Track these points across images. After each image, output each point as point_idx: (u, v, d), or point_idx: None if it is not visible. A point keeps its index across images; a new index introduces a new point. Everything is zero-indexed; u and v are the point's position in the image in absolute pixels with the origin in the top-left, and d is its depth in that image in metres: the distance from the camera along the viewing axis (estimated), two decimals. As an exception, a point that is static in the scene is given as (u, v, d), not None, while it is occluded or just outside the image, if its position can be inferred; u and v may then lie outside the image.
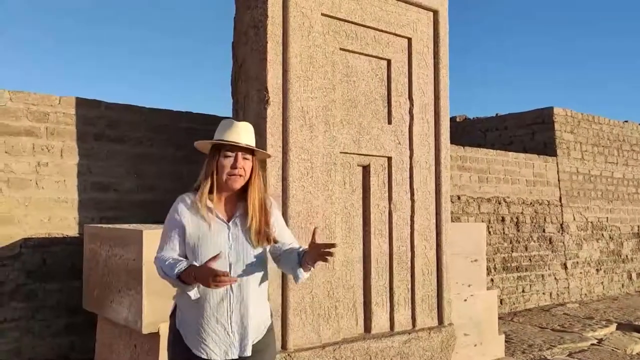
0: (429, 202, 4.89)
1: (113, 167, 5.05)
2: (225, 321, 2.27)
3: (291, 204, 4.02)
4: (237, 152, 2.30)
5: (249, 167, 2.33)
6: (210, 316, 2.26)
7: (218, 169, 2.30)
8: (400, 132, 4.74)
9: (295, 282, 2.44)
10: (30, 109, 4.69)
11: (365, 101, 4.57)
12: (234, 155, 2.29)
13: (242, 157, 2.31)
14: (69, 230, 4.79)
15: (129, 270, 3.75)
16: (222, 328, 2.27)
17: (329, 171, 4.28)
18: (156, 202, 5.15)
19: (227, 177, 2.29)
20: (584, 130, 10.21)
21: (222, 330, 2.27)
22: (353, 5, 4.45)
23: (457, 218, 7.75)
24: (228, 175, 2.29)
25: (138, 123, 5.23)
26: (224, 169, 2.29)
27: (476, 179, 8.21)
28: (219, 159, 2.30)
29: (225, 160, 2.29)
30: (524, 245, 8.73)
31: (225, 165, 2.29)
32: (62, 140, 4.81)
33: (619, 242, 10.62)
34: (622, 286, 10.56)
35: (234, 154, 2.30)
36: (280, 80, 4.04)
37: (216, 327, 2.26)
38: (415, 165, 4.80)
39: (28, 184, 4.63)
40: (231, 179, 2.29)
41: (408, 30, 4.82)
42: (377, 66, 4.66)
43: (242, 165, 2.30)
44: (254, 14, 4.15)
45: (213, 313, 2.26)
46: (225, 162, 2.29)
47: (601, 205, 10.34)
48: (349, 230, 4.44)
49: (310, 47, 4.19)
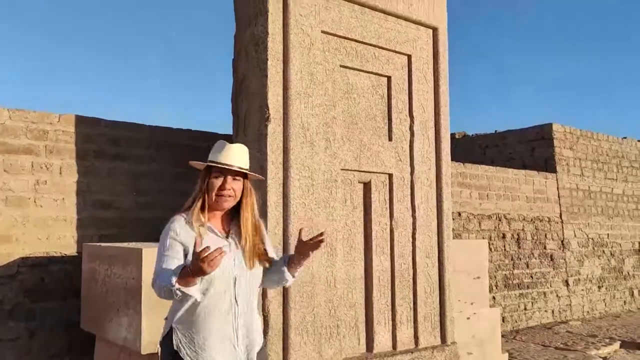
0: (430, 219, 4.86)
1: (113, 185, 5.02)
2: (232, 335, 2.31)
3: (292, 221, 3.99)
4: (226, 173, 2.37)
5: (239, 188, 2.40)
6: (216, 331, 2.28)
7: (208, 188, 2.37)
8: (400, 149, 4.73)
9: (285, 285, 2.53)
10: (30, 127, 4.68)
11: (365, 118, 4.56)
12: (222, 177, 2.37)
13: (231, 179, 2.38)
14: (67, 249, 4.74)
15: (128, 289, 3.70)
16: (229, 342, 2.30)
17: (330, 188, 4.26)
18: (157, 220, 5.09)
19: (215, 197, 2.36)
20: (583, 146, 10.22)
21: (229, 345, 2.31)
22: (353, 22, 4.46)
23: (458, 235, 7.71)
24: (216, 195, 2.36)
25: (138, 140, 5.21)
26: (213, 189, 2.36)
27: (476, 196, 8.19)
28: (209, 179, 2.38)
29: (214, 181, 2.37)
30: (525, 262, 8.68)
31: (215, 186, 2.36)
32: (62, 158, 4.79)
33: (620, 258, 10.57)
34: (625, 303, 10.48)
35: (223, 175, 2.37)
36: (280, 97, 4.03)
37: (224, 341, 2.29)
38: (416, 182, 4.78)
39: (27, 202, 4.60)
40: (220, 200, 2.36)
41: (408, 47, 4.83)
42: (378, 83, 4.66)
43: (231, 186, 2.37)
44: (254, 32, 4.16)
45: (219, 328, 2.28)
46: (215, 183, 2.36)
47: (602, 222, 10.31)
48: (350, 248, 4.40)
49: (311, 64, 4.20)
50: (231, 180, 2.37)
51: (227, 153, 2.39)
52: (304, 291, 4.04)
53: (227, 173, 2.37)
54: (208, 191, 2.37)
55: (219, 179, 2.36)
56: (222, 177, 2.36)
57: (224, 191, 2.35)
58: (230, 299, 2.29)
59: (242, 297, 2.33)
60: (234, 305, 2.31)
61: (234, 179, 2.38)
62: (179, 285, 2.09)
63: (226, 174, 2.37)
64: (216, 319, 2.27)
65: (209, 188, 2.37)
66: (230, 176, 2.37)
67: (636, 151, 11.42)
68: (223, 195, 2.35)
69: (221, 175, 2.37)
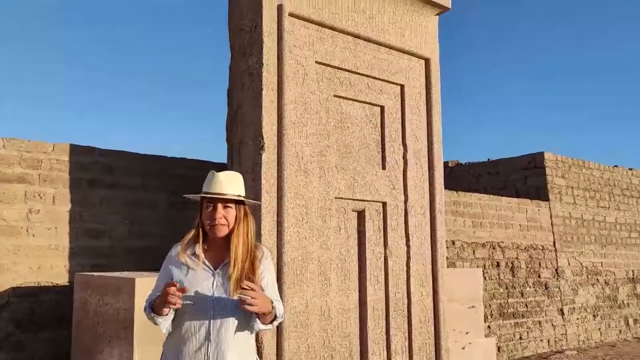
0: (424, 247, 4.86)
1: (106, 214, 5.00)
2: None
3: (286, 250, 3.98)
4: (216, 203, 2.37)
5: (231, 215, 2.38)
6: None
7: (203, 219, 2.39)
8: (394, 177, 4.75)
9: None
10: (24, 156, 4.68)
11: (359, 147, 4.59)
12: (213, 206, 2.37)
13: (222, 207, 2.37)
14: (59, 279, 4.69)
15: (119, 320, 3.66)
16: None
17: (324, 217, 4.26)
18: (150, 249, 5.08)
19: (209, 227, 2.37)
20: (575, 175, 10.29)
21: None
22: (347, 53, 4.53)
23: (452, 263, 7.70)
24: (209, 225, 2.36)
25: (132, 169, 5.21)
26: (206, 219, 2.38)
27: (470, 224, 8.20)
28: (203, 210, 2.39)
29: (207, 211, 2.38)
30: (520, 290, 8.65)
31: (207, 216, 2.37)
32: (55, 187, 4.78)
33: (615, 287, 10.55)
34: (620, 332, 10.42)
35: (214, 205, 2.37)
36: (275, 127, 4.07)
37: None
38: (410, 211, 4.79)
39: (19, 231, 4.57)
40: (213, 229, 2.36)
41: (401, 77, 4.90)
42: (371, 112, 4.71)
43: (223, 215, 2.36)
44: (249, 62, 4.22)
45: (191, 358, 2.26)
46: (207, 213, 2.37)
47: (595, 250, 10.32)
48: (344, 277, 4.38)
49: (305, 94, 4.24)
50: (222, 208, 2.36)
51: (216, 182, 2.39)
52: (298, 321, 4.00)
53: (217, 202, 2.36)
54: (203, 222, 2.39)
55: (209, 209, 2.37)
56: (212, 207, 2.37)
57: (215, 220, 2.34)
58: (206, 332, 2.25)
59: (221, 329, 2.27)
60: (207, 339, 2.26)
61: (225, 207, 2.37)
62: (153, 314, 2.25)
63: (216, 203, 2.36)
64: (189, 351, 2.26)
65: (203, 219, 2.39)
66: (221, 205, 2.36)
67: (627, 180, 11.51)
68: (215, 224, 2.35)
69: (212, 204, 2.37)
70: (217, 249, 2.40)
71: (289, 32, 4.19)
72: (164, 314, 2.23)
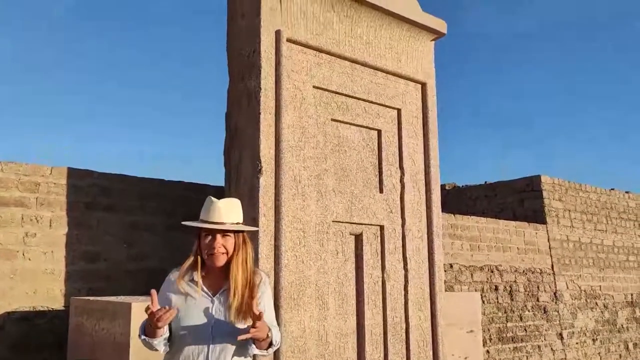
0: (422, 271, 4.84)
1: (103, 236, 4.98)
2: None
3: (284, 274, 3.97)
4: (215, 232, 2.36)
5: (230, 244, 2.37)
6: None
7: (201, 247, 2.38)
8: (391, 201, 4.76)
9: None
10: (22, 180, 4.68)
11: (356, 170, 4.61)
12: (211, 236, 2.35)
13: (220, 236, 2.35)
14: (55, 303, 4.66)
15: (115, 345, 3.62)
16: None
17: (322, 240, 4.25)
18: (147, 272, 5.06)
19: (207, 256, 2.35)
20: (571, 198, 10.32)
21: None
22: (344, 78, 4.58)
23: (450, 287, 7.66)
24: (207, 254, 2.35)
25: (130, 192, 5.21)
26: (204, 248, 2.36)
27: (468, 247, 8.18)
28: (200, 238, 2.38)
29: (205, 240, 2.36)
30: (519, 314, 8.60)
31: (205, 245, 2.36)
32: (52, 210, 4.77)
33: (614, 311, 10.50)
34: (620, 357, 10.33)
35: (212, 233, 2.35)
36: (273, 150, 4.09)
37: None
38: (408, 234, 4.79)
39: (15, 255, 4.55)
40: (211, 258, 2.35)
41: (397, 101, 4.94)
42: (368, 136, 4.74)
43: (222, 243, 2.35)
44: (247, 86, 4.26)
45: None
46: (206, 242, 2.36)
47: (593, 274, 10.29)
48: (342, 301, 4.36)
49: (303, 118, 4.27)
50: (220, 237, 2.34)
51: (214, 210, 2.36)
52: (295, 346, 3.97)
53: (215, 231, 2.34)
54: (201, 250, 2.37)
55: (208, 238, 2.35)
56: (211, 236, 2.35)
57: (214, 250, 2.33)
58: (205, 358, 2.25)
59: (220, 356, 2.27)
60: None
61: (224, 235, 2.36)
62: (144, 336, 2.24)
63: (215, 232, 2.34)
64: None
65: (202, 247, 2.37)
66: (220, 234, 2.35)
67: (624, 203, 11.54)
68: (213, 253, 2.33)
69: (210, 234, 2.35)
70: (215, 275, 2.39)
71: (287, 57, 4.24)
72: (158, 336, 2.22)
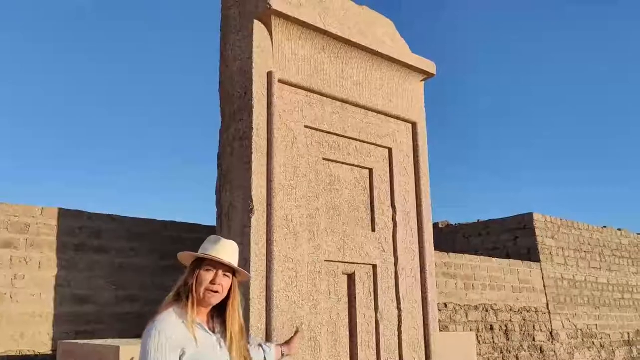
0: (416, 311, 4.79)
1: (92, 279, 4.92)
2: None
3: (275, 315, 3.91)
4: (218, 268, 2.33)
5: (227, 284, 2.36)
6: None
7: (197, 282, 2.31)
8: (384, 240, 4.75)
9: None
10: (11, 221, 4.65)
11: (348, 209, 4.61)
12: (214, 271, 2.32)
13: (222, 274, 2.33)
14: (42, 347, 4.56)
15: (103, 390, 3.53)
16: None
17: (314, 280, 4.22)
18: (136, 314, 4.98)
19: (205, 292, 2.30)
20: (564, 235, 10.33)
21: None
22: (335, 118, 4.62)
23: (445, 327, 7.57)
24: (206, 289, 2.30)
25: (120, 233, 5.18)
26: (203, 283, 2.30)
27: (462, 286, 8.13)
28: (199, 272, 2.32)
29: (206, 274, 2.31)
30: (515, 354, 8.48)
31: (205, 280, 2.30)
32: (41, 251, 4.72)
33: (611, 350, 10.37)
34: (619, 397, 10.17)
35: (215, 270, 2.32)
36: (264, 190, 4.09)
37: None
38: (401, 273, 4.76)
39: (2, 297, 4.47)
40: (208, 295, 2.30)
41: (388, 140, 4.99)
42: (360, 175, 4.76)
43: (221, 282, 2.32)
44: (239, 126, 4.29)
45: None
46: (206, 276, 2.31)
47: (589, 312, 10.22)
48: (335, 342, 4.29)
49: (294, 158, 4.29)
50: (222, 275, 2.33)
51: (221, 247, 2.36)
52: (287, 389, 3.88)
53: (218, 267, 2.33)
54: (197, 285, 2.30)
55: (210, 273, 2.31)
56: (213, 271, 2.32)
57: (214, 286, 2.29)
58: None
59: None
60: None
61: (225, 275, 2.34)
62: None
63: (218, 268, 2.32)
64: None
65: (198, 282, 2.30)
66: (222, 271, 2.33)
67: (617, 240, 11.55)
68: (213, 290, 2.30)
69: (213, 269, 2.32)
70: (204, 316, 2.36)
71: (279, 97, 4.29)
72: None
